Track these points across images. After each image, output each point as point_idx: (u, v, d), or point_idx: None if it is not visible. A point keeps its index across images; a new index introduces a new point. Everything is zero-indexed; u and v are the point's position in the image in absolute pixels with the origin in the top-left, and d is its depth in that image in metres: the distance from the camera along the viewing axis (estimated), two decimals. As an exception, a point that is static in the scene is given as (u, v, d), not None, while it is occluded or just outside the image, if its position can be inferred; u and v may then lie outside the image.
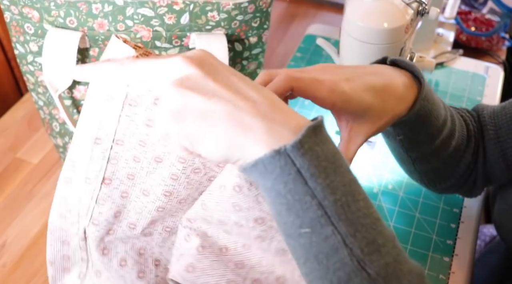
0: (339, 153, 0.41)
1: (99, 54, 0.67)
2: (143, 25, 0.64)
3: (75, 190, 0.52)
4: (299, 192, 0.39)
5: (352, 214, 0.39)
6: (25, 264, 0.76)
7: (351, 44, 0.73)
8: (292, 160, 0.38)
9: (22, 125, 0.94)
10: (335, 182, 0.39)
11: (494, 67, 1.03)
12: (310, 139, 0.39)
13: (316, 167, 0.39)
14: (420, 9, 0.72)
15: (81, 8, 0.64)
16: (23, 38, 0.69)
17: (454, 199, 0.82)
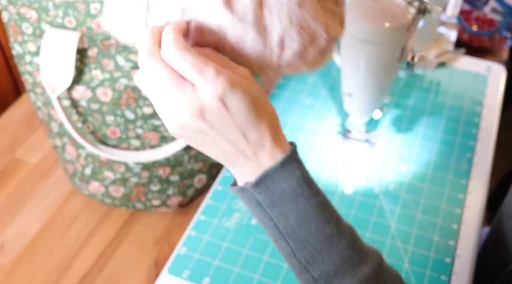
0: (303, 184, 0.50)
1: (98, 54, 0.67)
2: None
3: None
4: (261, 215, 0.51)
5: (301, 234, 0.50)
6: (24, 265, 0.76)
7: (352, 43, 0.72)
8: (253, 195, 0.50)
9: (20, 125, 0.94)
10: (287, 211, 0.50)
11: (496, 67, 1.03)
12: (267, 179, 0.50)
13: (271, 201, 0.50)
14: (421, 8, 0.72)
15: (80, 8, 0.64)
16: (21, 38, 0.68)
17: (455, 200, 0.81)
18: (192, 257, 0.74)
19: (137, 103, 0.70)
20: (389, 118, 0.93)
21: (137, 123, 0.72)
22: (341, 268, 0.51)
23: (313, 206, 0.50)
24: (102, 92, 0.70)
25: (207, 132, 0.48)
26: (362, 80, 0.76)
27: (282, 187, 0.50)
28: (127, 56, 0.66)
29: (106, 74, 0.68)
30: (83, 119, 0.73)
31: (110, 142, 0.74)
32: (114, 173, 0.77)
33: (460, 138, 0.90)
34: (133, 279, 0.74)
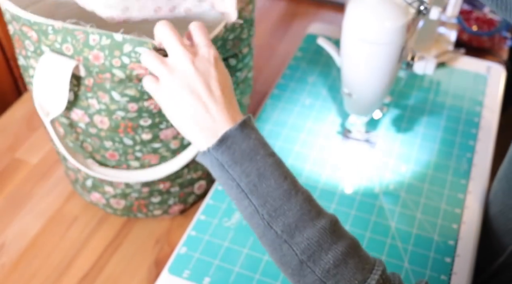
0: (259, 145, 0.56)
1: (94, 85, 0.66)
2: (140, 63, 0.63)
3: None
4: (224, 177, 0.56)
5: (262, 190, 0.55)
6: (24, 265, 0.76)
7: (352, 43, 0.72)
8: (215, 157, 0.56)
9: (21, 125, 0.94)
10: (249, 168, 0.55)
11: (496, 67, 1.03)
12: (228, 140, 0.56)
13: (233, 160, 0.56)
14: (421, 8, 0.72)
15: (79, 37, 0.63)
16: (24, 52, 0.68)
17: (455, 200, 0.81)
18: (192, 257, 0.74)
19: (135, 131, 0.70)
20: (389, 118, 0.93)
21: (136, 148, 0.72)
22: (301, 219, 0.55)
23: (270, 164, 0.56)
24: (99, 119, 0.69)
25: (192, 78, 0.57)
26: (362, 80, 0.76)
27: (242, 147, 0.56)
28: (122, 91, 0.65)
29: (102, 105, 0.67)
30: (82, 138, 0.72)
31: (109, 163, 0.74)
32: (114, 189, 0.77)
33: (460, 138, 0.90)
34: (134, 279, 0.75)
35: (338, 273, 0.53)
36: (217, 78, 0.59)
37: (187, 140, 0.74)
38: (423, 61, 0.77)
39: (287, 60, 1.05)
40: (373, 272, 0.54)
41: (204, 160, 0.57)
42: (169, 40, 0.59)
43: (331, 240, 0.54)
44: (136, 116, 0.68)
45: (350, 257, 0.54)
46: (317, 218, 0.55)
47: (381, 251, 0.75)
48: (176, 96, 0.57)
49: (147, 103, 0.67)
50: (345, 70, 0.78)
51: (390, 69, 0.75)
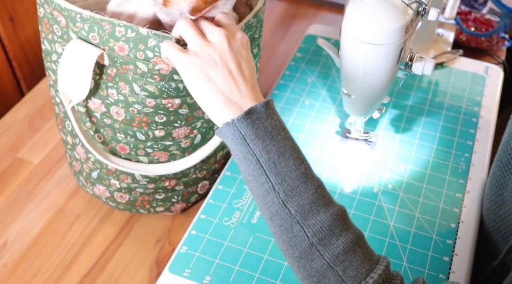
0: (280, 127, 0.58)
1: (116, 75, 0.67)
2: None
3: None
4: (244, 151, 0.56)
5: (281, 168, 0.56)
6: (26, 264, 0.76)
7: (351, 44, 0.73)
8: (238, 129, 0.56)
9: (23, 125, 0.95)
10: (270, 145, 0.56)
11: (494, 67, 1.03)
12: (253, 115, 0.57)
13: (256, 134, 0.56)
14: (420, 9, 0.73)
15: (105, 27, 0.63)
16: (51, 36, 0.69)
17: (454, 199, 0.82)
18: (193, 255, 0.75)
19: (149, 127, 0.71)
20: (388, 118, 0.94)
21: (147, 143, 0.73)
22: (315, 203, 0.55)
23: (290, 146, 0.57)
24: (115, 110, 0.70)
25: (226, 54, 0.59)
26: (361, 80, 0.77)
27: (265, 124, 0.57)
28: (143, 85, 0.66)
29: (121, 96, 0.68)
30: (95, 128, 0.73)
31: (118, 155, 0.75)
32: (120, 182, 0.78)
33: (458, 138, 0.91)
34: (135, 277, 0.75)
35: (346, 259, 0.54)
36: (247, 60, 0.61)
37: (198, 139, 0.74)
38: (421, 62, 0.77)
39: (287, 60, 1.05)
40: (379, 263, 0.55)
41: (225, 133, 0.57)
42: (206, 24, 0.61)
43: (342, 227, 0.55)
44: (152, 111, 0.69)
45: (359, 246, 0.55)
46: (330, 204, 0.56)
47: (380, 250, 0.76)
48: (208, 67, 0.59)
49: (165, 101, 0.68)
50: (344, 70, 0.78)
51: (389, 70, 0.75)
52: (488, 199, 0.78)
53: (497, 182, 0.75)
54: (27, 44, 1.04)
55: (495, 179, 0.75)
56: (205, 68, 0.59)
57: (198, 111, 0.72)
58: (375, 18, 0.70)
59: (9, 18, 0.99)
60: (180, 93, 0.68)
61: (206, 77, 0.59)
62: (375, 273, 0.54)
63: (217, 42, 0.60)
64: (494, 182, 0.76)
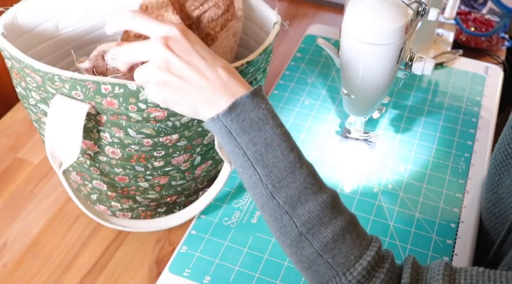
0: (268, 115, 0.56)
1: (108, 122, 0.64)
2: (158, 108, 0.62)
3: None
4: (231, 145, 0.56)
5: (268, 160, 0.55)
6: (26, 264, 0.76)
7: (351, 44, 0.73)
8: (223, 123, 0.55)
9: (23, 125, 0.95)
10: (256, 137, 0.55)
11: (494, 67, 1.04)
12: (238, 108, 0.55)
13: (241, 128, 0.55)
14: (420, 9, 0.73)
15: (89, 86, 0.60)
16: (24, 84, 0.65)
17: (453, 199, 0.82)
18: (193, 255, 0.75)
19: (147, 160, 0.69)
20: (388, 118, 0.94)
21: (147, 173, 0.72)
22: (304, 192, 0.55)
23: (278, 135, 0.56)
24: (110, 150, 0.67)
25: (177, 62, 0.56)
26: (361, 80, 0.77)
27: (251, 116, 0.55)
28: (138, 130, 0.64)
29: (115, 138, 0.65)
30: (90, 163, 0.70)
31: (118, 185, 0.73)
32: (121, 204, 0.77)
33: (458, 138, 0.91)
34: (135, 277, 0.75)
35: (335, 247, 0.54)
36: (202, 49, 0.58)
37: (198, 161, 0.74)
38: (421, 62, 0.77)
39: (287, 60, 1.05)
40: (369, 248, 0.55)
41: (211, 127, 0.57)
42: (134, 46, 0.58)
43: (331, 215, 0.55)
44: (150, 149, 0.68)
45: (348, 233, 0.55)
46: (319, 192, 0.56)
47: (380, 250, 0.76)
48: (175, 87, 0.56)
49: (163, 139, 0.67)
50: (344, 70, 0.78)
51: (389, 70, 0.75)
52: (484, 197, 0.79)
53: (492, 180, 0.75)
54: (27, 44, 1.04)
55: (491, 177, 0.75)
56: (175, 92, 0.56)
57: (196, 140, 0.71)
58: (375, 18, 0.70)
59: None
60: (178, 130, 0.67)
61: (181, 98, 0.57)
62: (364, 259, 0.55)
63: (161, 57, 0.56)
64: (490, 180, 0.76)
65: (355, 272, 0.54)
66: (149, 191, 0.75)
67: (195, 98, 0.57)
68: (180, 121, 0.66)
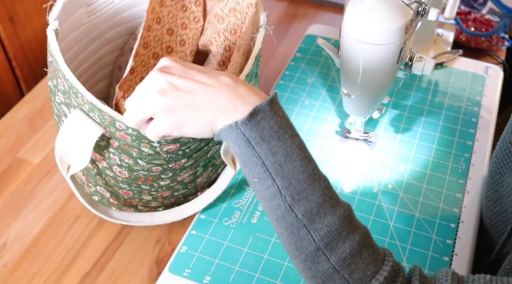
0: (286, 124, 0.54)
1: (118, 148, 0.64)
2: (171, 143, 0.62)
3: None
4: (249, 154, 0.53)
5: (288, 171, 0.53)
6: (26, 264, 0.76)
7: (351, 44, 0.73)
8: (242, 132, 0.53)
9: (23, 125, 0.95)
10: (276, 147, 0.53)
11: (494, 68, 1.03)
12: (258, 115, 0.53)
13: (261, 136, 0.53)
14: (419, 9, 0.73)
15: (105, 117, 0.61)
16: (55, 82, 0.66)
17: (453, 199, 0.82)
18: (193, 255, 0.75)
19: (154, 181, 0.70)
20: (388, 118, 0.94)
21: (152, 189, 0.72)
22: (323, 206, 0.54)
23: (297, 145, 0.54)
24: (118, 170, 0.68)
25: (179, 81, 0.55)
26: (361, 80, 0.77)
27: (270, 124, 0.53)
28: (150, 161, 0.64)
29: (124, 163, 0.66)
30: (96, 172, 0.71)
31: (121, 197, 0.74)
32: (122, 212, 0.77)
33: (458, 138, 0.91)
34: (135, 277, 0.75)
35: (353, 263, 0.53)
36: (197, 66, 0.57)
37: (199, 172, 0.74)
38: (421, 62, 0.77)
39: (287, 60, 1.05)
40: (384, 263, 0.54)
41: (228, 135, 0.54)
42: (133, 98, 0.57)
43: (348, 229, 0.54)
44: (158, 174, 0.68)
45: (365, 248, 0.54)
46: (336, 205, 0.54)
47: (380, 250, 0.76)
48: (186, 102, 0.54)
49: (172, 165, 0.67)
50: (344, 70, 0.78)
51: (389, 70, 0.75)
52: (485, 196, 0.79)
53: (493, 179, 0.75)
54: (27, 44, 1.04)
55: (492, 176, 0.75)
56: (187, 107, 0.55)
57: (202, 157, 0.71)
58: (375, 18, 0.70)
59: (9, 18, 0.99)
60: (187, 155, 0.67)
61: (195, 111, 0.55)
62: (381, 274, 0.53)
63: (163, 82, 0.55)
64: (491, 179, 0.76)
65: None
66: (151, 202, 0.76)
67: (208, 109, 0.54)
68: (190, 147, 0.66)
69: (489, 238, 0.78)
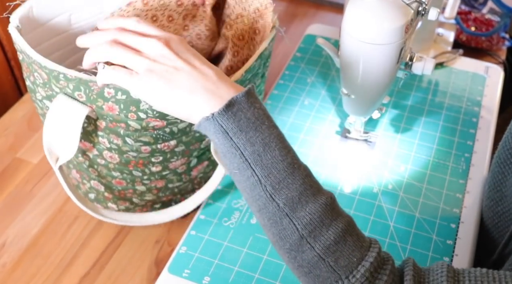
0: (263, 115, 0.55)
1: (106, 128, 0.64)
2: (158, 118, 0.62)
3: None
4: (227, 145, 0.54)
5: (267, 160, 0.54)
6: (25, 264, 0.76)
7: (351, 44, 0.73)
8: (219, 123, 0.54)
9: (22, 125, 0.94)
10: (254, 137, 0.54)
11: (494, 67, 1.03)
12: (234, 107, 0.54)
13: (238, 127, 0.53)
14: (420, 9, 0.72)
15: (93, 88, 0.60)
16: (32, 79, 0.66)
17: (454, 199, 0.82)
18: (192, 256, 0.75)
19: (145, 166, 0.69)
20: (388, 118, 0.94)
21: (144, 177, 0.72)
22: (304, 194, 0.54)
23: (275, 135, 0.55)
24: (108, 155, 0.68)
25: (176, 60, 0.56)
26: (361, 80, 0.77)
27: (247, 115, 0.54)
28: (136, 138, 0.64)
29: (113, 145, 0.66)
30: (88, 163, 0.71)
31: (115, 187, 0.74)
32: (118, 206, 0.77)
33: (459, 138, 0.91)
34: (134, 278, 0.75)
35: (337, 250, 0.53)
36: (196, 55, 0.58)
37: (194, 163, 0.74)
38: (421, 62, 0.77)
39: (287, 60, 1.05)
40: (370, 250, 0.55)
41: (206, 127, 0.55)
42: (134, 38, 0.58)
43: (331, 217, 0.54)
44: (148, 155, 0.68)
45: (349, 234, 0.54)
46: (318, 193, 0.55)
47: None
48: (167, 75, 0.55)
49: (160, 146, 0.67)
50: (344, 70, 0.78)
51: (389, 70, 0.75)
52: (486, 196, 0.78)
53: (495, 178, 0.75)
54: (26, 43, 1.04)
55: (494, 175, 0.75)
56: (166, 80, 0.56)
57: (194, 145, 0.71)
58: (375, 18, 0.70)
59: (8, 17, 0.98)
60: (175, 136, 0.67)
61: (172, 88, 0.55)
62: (367, 261, 0.54)
63: (159, 51, 0.57)
64: (493, 179, 0.76)
65: (358, 275, 0.53)
66: (146, 194, 0.75)
67: (185, 90, 0.55)
68: (177, 126, 0.66)
69: (490, 239, 0.78)
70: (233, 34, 0.74)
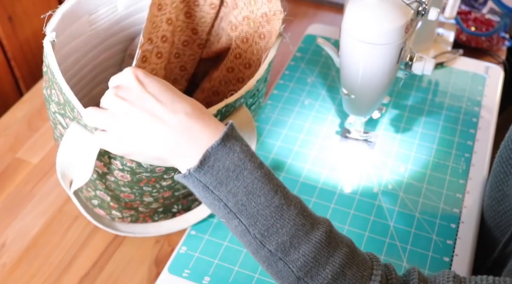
0: (245, 159, 0.52)
1: (122, 164, 0.64)
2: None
3: None
4: (209, 198, 0.53)
5: (251, 209, 0.51)
6: (25, 265, 0.76)
7: (351, 44, 0.73)
8: (197, 179, 0.52)
9: (22, 125, 0.94)
10: (235, 187, 0.51)
11: (494, 67, 1.03)
12: (210, 159, 0.51)
13: (217, 180, 0.51)
14: (420, 9, 0.72)
15: None
16: (49, 92, 0.65)
17: (454, 199, 0.82)
18: (192, 256, 0.75)
19: (156, 182, 0.69)
20: (388, 118, 0.94)
21: (153, 191, 0.72)
22: (295, 236, 0.52)
23: (259, 178, 0.52)
24: (120, 174, 0.67)
25: (131, 109, 0.53)
26: (361, 80, 0.77)
27: (225, 164, 0.51)
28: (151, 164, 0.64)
29: (126, 167, 0.65)
30: (96, 177, 0.70)
31: (122, 200, 0.73)
32: (122, 214, 0.77)
33: (459, 138, 0.91)
34: (134, 278, 0.75)
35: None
36: (160, 93, 0.54)
37: None
38: (421, 62, 0.77)
39: (287, 60, 1.05)
40: (372, 279, 0.53)
41: (185, 182, 0.54)
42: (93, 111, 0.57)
43: (327, 253, 0.52)
44: (161, 174, 0.67)
45: (347, 268, 0.52)
46: (311, 231, 0.52)
47: (380, 250, 0.76)
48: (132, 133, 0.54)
49: None
50: (344, 70, 0.78)
51: (389, 70, 0.75)
52: (488, 195, 0.78)
53: (497, 177, 0.75)
54: (26, 44, 1.04)
55: (496, 174, 0.75)
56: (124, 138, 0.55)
57: None
58: (375, 18, 0.70)
59: (8, 17, 0.98)
60: None
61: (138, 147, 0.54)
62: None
63: (113, 103, 0.55)
64: (495, 178, 0.76)
65: None
66: (152, 204, 0.75)
67: (156, 147, 0.54)
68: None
69: (491, 238, 0.78)
70: (237, 36, 0.74)
